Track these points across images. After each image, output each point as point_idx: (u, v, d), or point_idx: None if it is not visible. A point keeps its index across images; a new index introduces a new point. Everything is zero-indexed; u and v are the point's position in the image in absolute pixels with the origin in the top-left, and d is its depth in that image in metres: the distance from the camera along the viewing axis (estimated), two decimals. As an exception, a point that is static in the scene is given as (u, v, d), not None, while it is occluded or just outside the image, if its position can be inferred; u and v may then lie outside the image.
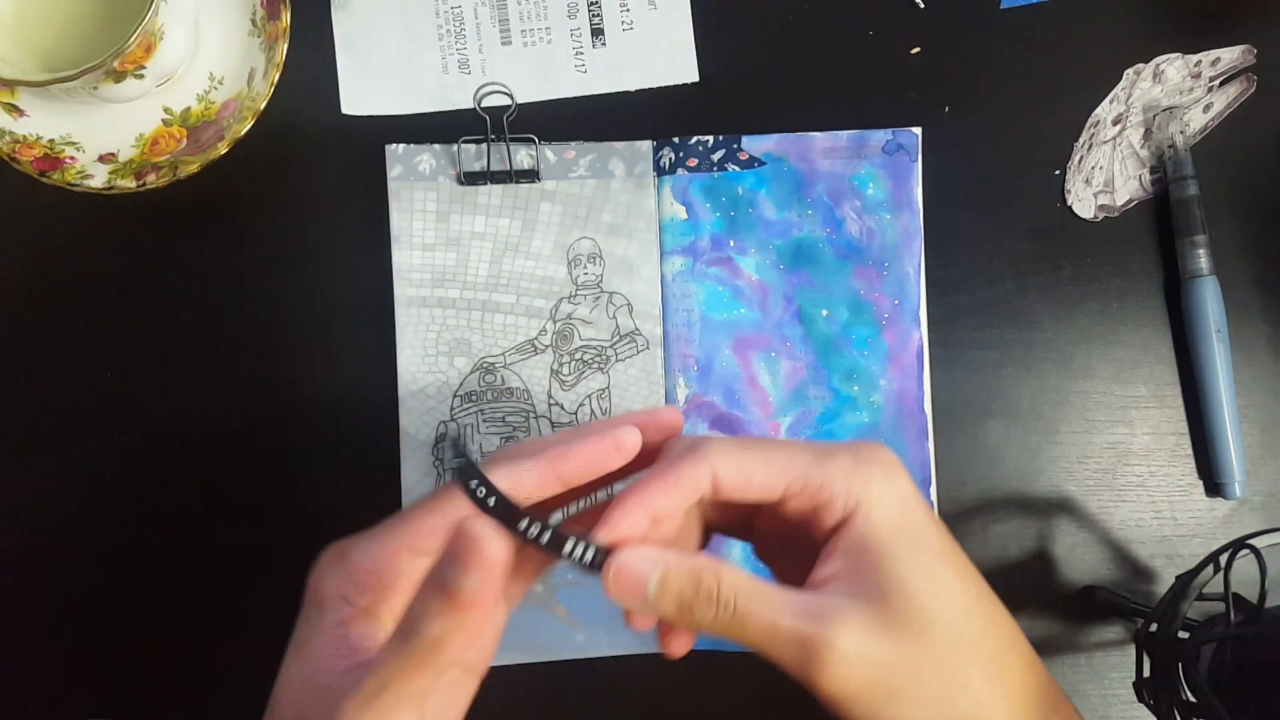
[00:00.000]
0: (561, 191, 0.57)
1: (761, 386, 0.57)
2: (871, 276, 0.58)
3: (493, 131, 0.56)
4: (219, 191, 0.57)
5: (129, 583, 0.57)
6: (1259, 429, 0.59)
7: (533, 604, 0.56)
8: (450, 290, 0.57)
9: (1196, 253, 0.58)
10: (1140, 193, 0.60)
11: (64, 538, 0.57)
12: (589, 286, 0.57)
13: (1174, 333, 0.59)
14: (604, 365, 0.57)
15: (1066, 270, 0.59)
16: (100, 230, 0.58)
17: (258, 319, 0.58)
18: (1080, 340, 0.59)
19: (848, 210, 0.58)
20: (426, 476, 0.56)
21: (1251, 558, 0.47)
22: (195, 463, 0.58)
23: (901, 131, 0.58)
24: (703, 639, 0.56)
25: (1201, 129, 0.60)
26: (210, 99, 0.57)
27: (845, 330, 0.57)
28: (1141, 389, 0.59)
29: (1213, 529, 0.59)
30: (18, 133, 0.55)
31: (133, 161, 0.56)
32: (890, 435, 0.57)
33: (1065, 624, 0.58)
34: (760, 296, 0.58)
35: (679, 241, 0.58)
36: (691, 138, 0.58)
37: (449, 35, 0.58)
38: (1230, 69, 0.60)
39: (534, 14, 0.59)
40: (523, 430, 0.57)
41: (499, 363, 0.57)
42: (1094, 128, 0.60)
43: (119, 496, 0.57)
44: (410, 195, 0.57)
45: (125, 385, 0.57)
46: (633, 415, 0.39)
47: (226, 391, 0.57)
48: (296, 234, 0.58)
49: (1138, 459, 0.59)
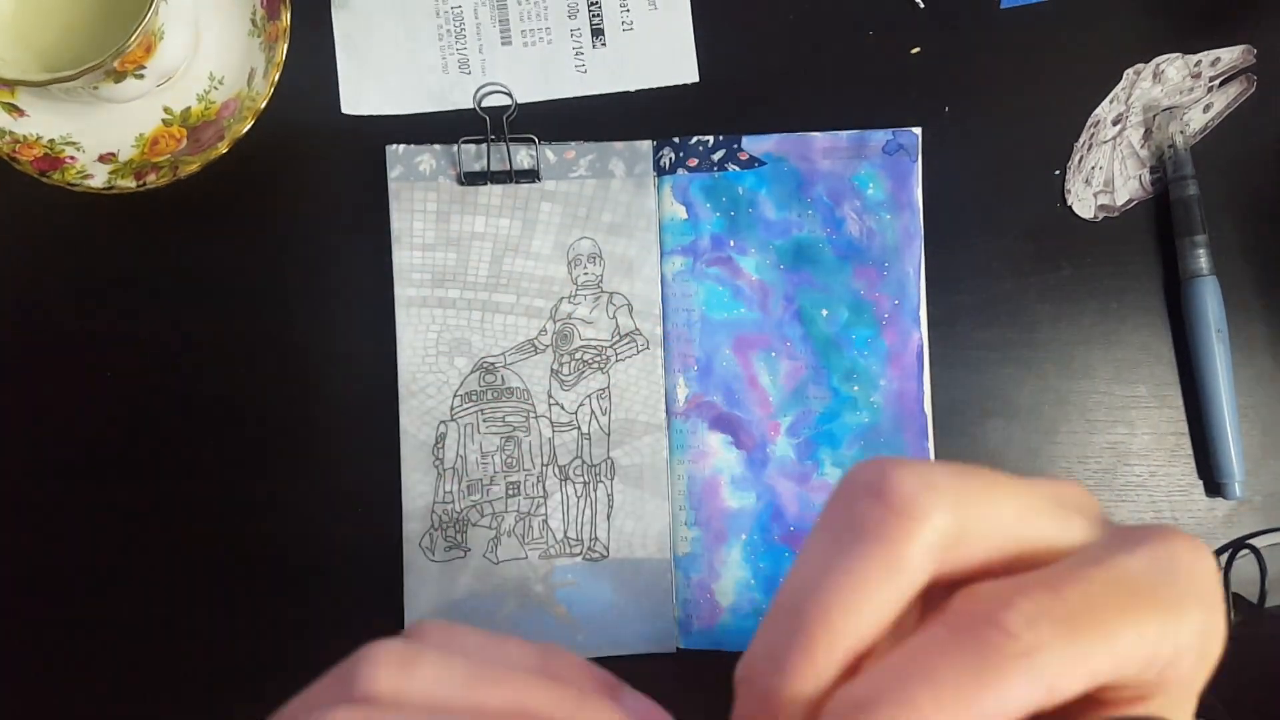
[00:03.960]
0: (562, 191, 0.57)
1: (762, 386, 0.57)
2: (872, 276, 0.58)
3: (493, 131, 0.56)
4: (219, 191, 0.57)
5: (129, 583, 0.57)
6: (1259, 429, 0.59)
7: (533, 604, 0.57)
8: (450, 290, 0.57)
9: (1196, 253, 0.58)
10: (1140, 193, 0.60)
11: (63, 538, 0.57)
12: (589, 286, 0.57)
13: (1174, 333, 0.59)
14: (604, 365, 0.57)
15: (1066, 270, 0.59)
16: (100, 230, 0.58)
17: (258, 319, 0.58)
18: (1080, 340, 0.59)
19: (848, 210, 0.58)
20: (427, 476, 0.56)
21: (1251, 558, 0.48)
22: (195, 462, 0.58)
23: (902, 132, 0.58)
24: (700, 637, 0.57)
25: (1201, 129, 0.60)
26: (210, 99, 0.57)
27: (845, 330, 0.58)
28: (1141, 389, 0.59)
29: (1213, 529, 0.59)
30: (18, 133, 0.55)
31: (133, 161, 0.56)
32: (890, 435, 0.57)
33: (1065, 624, 0.58)
34: (760, 296, 0.58)
35: (679, 241, 0.58)
36: (692, 138, 0.58)
37: (449, 35, 0.58)
38: (1230, 69, 0.60)
39: (534, 14, 0.59)
40: (523, 430, 0.57)
41: (499, 362, 0.57)
42: (1094, 128, 0.60)
43: (118, 496, 0.57)
44: (410, 195, 0.57)
45: (125, 385, 0.57)
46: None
47: (226, 391, 0.58)
48: (297, 234, 0.58)
49: (1138, 459, 0.59)
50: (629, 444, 0.57)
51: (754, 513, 0.57)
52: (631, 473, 0.57)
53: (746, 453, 0.57)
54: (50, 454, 0.57)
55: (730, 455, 0.57)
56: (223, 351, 0.58)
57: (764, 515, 0.57)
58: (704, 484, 0.57)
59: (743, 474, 0.57)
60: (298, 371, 0.58)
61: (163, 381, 0.58)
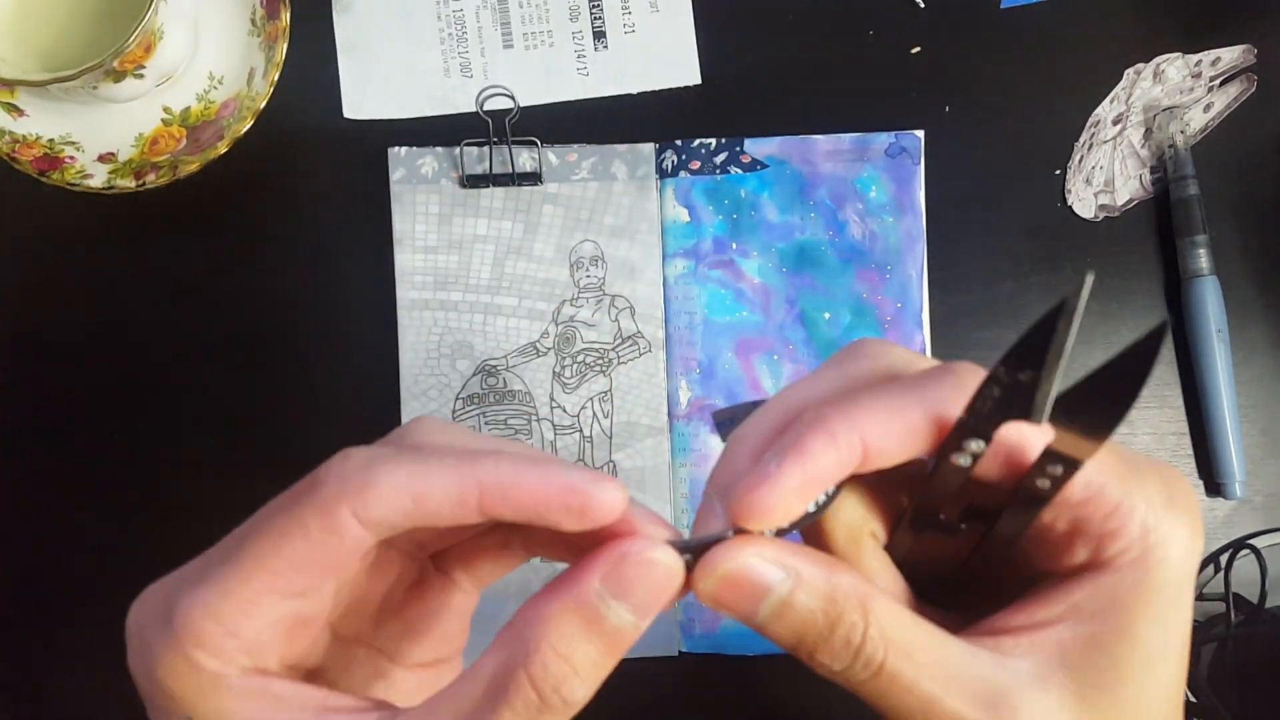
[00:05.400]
0: (564, 194, 0.57)
1: (764, 389, 0.57)
2: (874, 279, 0.58)
3: (495, 134, 0.56)
4: (219, 191, 0.57)
5: (130, 590, 0.57)
6: (1259, 429, 0.59)
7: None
8: (452, 293, 0.57)
9: (1197, 252, 0.58)
10: (1140, 192, 0.60)
11: (62, 537, 0.57)
12: (591, 289, 0.57)
13: (1174, 333, 0.59)
14: (606, 368, 0.57)
15: (1067, 270, 0.59)
16: (100, 230, 0.58)
17: (259, 320, 0.58)
18: (1080, 340, 0.59)
19: (850, 213, 0.58)
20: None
21: (1251, 558, 0.48)
22: (195, 463, 0.57)
23: (904, 134, 0.58)
24: (702, 641, 0.57)
25: (1202, 129, 0.60)
26: (210, 99, 0.57)
27: (848, 333, 0.58)
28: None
29: (1213, 529, 0.59)
30: (18, 132, 0.55)
31: (132, 161, 0.56)
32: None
33: (1065, 623, 0.58)
34: (763, 299, 0.58)
35: (681, 244, 0.58)
36: (694, 140, 0.58)
37: (451, 39, 0.58)
38: (1230, 69, 0.60)
39: (536, 17, 0.58)
40: (525, 433, 0.57)
41: (501, 365, 0.57)
42: (1094, 127, 0.60)
43: (117, 496, 0.57)
44: (412, 198, 0.57)
45: (125, 385, 0.57)
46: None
47: (227, 392, 0.57)
48: (298, 236, 0.58)
49: (1138, 459, 0.59)
50: (631, 447, 0.57)
51: (756, 514, 0.57)
52: (634, 475, 0.57)
53: (749, 455, 0.57)
54: (50, 454, 0.57)
55: (732, 458, 0.57)
56: (223, 352, 0.58)
57: (766, 517, 0.57)
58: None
59: (745, 476, 0.57)
60: (299, 373, 0.58)
61: (162, 382, 0.57)
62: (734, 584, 0.25)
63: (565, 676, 0.24)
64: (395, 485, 0.25)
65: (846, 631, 0.25)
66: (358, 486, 0.25)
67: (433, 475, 0.25)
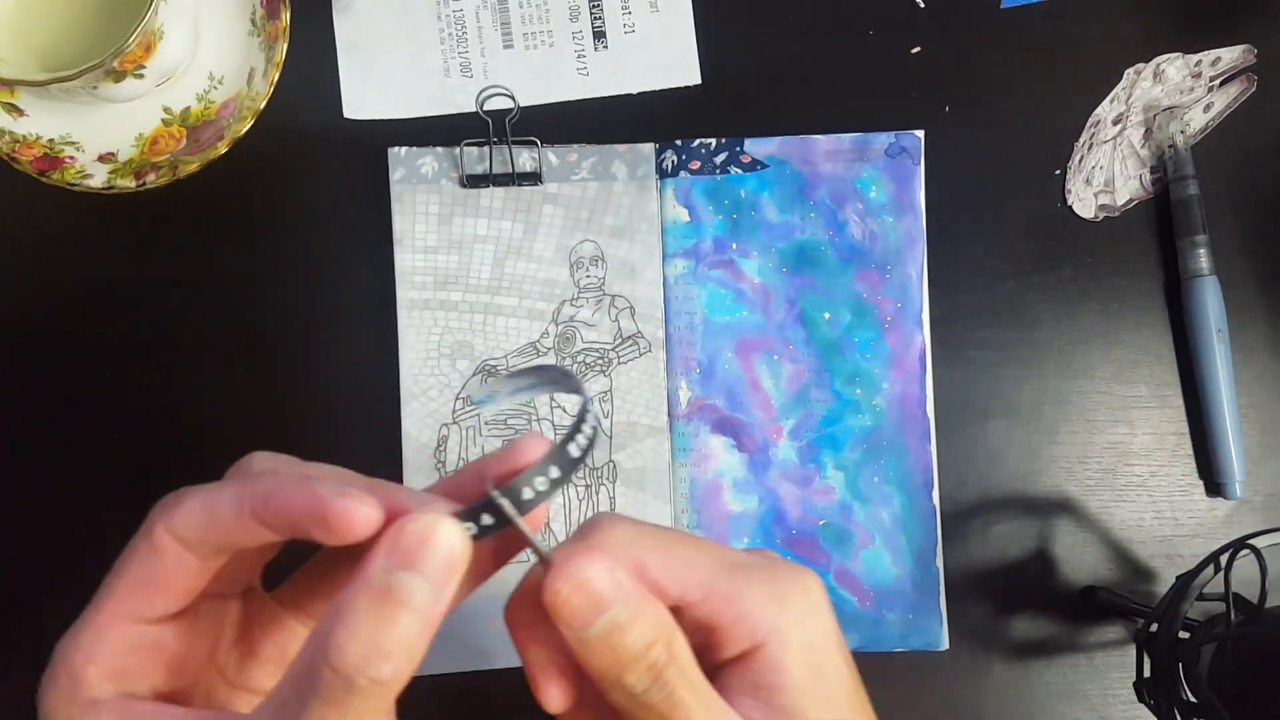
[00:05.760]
0: (564, 194, 0.57)
1: (764, 389, 0.57)
2: (874, 279, 0.58)
3: (495, 134, 0.56)
4: (219, 192, 0.57)
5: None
6: (1259, 429, 0.59)
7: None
8: (452, 293, 0.57)
9: (1197, 252, 0.58)
10: (1140, 192, 0.60)
11: (62, 537, 0.57)
12: (591, 289, 0.57)
13: (1174, 333, 0.60)
14: (606, 368, 0.57)
15: (1067, 270, 0.59)
16: (100, 230, 0.58)
17: (259, 320, 0.58)
18: (1080, 340, 0.59)
19: (850, 213, 0.58)
20: (428, 479, 0.56)
21: (1251, 558, 0.48)
22: (195, 464, 0.57)
23: (904, 134, 0.58)
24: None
25: (1202, 129, 0.60)
26: (210, 98, 0.57)
27: (848, 333, 0.58)
28: (1141, 389, 0.59)
29: (1213, 529, 0.59)
30: (18, 132, 0.55)
31: (132, 161, 0.56)
32: (892, 438, 0.57)
33: (1065, 624, 0.58)
34: (763, 299, 0.58)
35: (681, 244, 0.58)
36: (694, 140, 0.58)
37: (451, 39, 0.58)
38: (1230, 69, 0.60)
39: (536, 17, 0.58)
40: (524, 433, 0.57)
41: (501, 365, 0.57)
42: (1094, 127, 0.60)
43: (116, 497, 0.57)
44: (412, 198, 0.57)
45: (124, 385, 0.57)
46: (400, 492, 0.29)
47: (227, 393, 0.57)
48: (297, 235, 0.58)
49: (1138, 459, 0.59)
50: (631, 447, 0.57)
51: (756, 516, 0.57)
52: (634, 476, 0.57)
53: (748, 456, 0.57)
54: (50, 454, 0.57)
55: (732, 458, 0.57)
56: (223, 353, 0.58)
57: (766, 518, 0.57)
58: (706, 487, 0.57)
59: (745, 477, 0.57)
60: (298, 374, 0.58)
61: (162, 382, 0.57)
62: (586, 592, 0.27)
63: (367, 657, 0.25)
64: (194, 504, 0.29)
65: (657, 658, 0.28)
66: (169, 507, 0.29)
67: (221, 493, 0.29)
